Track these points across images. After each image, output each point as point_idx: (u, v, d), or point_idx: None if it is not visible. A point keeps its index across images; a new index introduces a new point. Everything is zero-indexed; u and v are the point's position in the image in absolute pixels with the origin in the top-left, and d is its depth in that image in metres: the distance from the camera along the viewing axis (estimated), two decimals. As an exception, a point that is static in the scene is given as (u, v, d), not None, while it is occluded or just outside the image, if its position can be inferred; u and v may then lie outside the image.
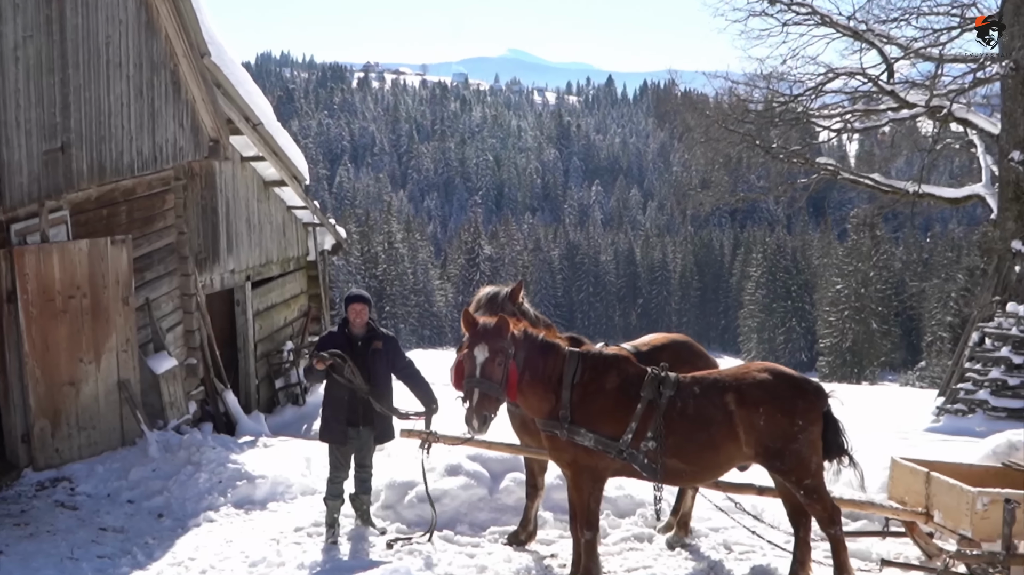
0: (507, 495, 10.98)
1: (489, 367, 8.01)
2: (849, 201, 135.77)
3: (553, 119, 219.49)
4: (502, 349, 8.06)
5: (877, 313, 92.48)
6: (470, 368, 8.06)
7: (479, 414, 7.97)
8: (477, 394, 7.99)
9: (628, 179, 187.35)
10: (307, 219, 19.68)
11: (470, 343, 8.12)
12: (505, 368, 8.07)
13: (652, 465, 8.24)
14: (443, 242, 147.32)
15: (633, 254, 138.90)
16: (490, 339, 8.06)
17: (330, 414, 10.13)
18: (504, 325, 8.10)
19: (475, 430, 8.03)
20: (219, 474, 11.64)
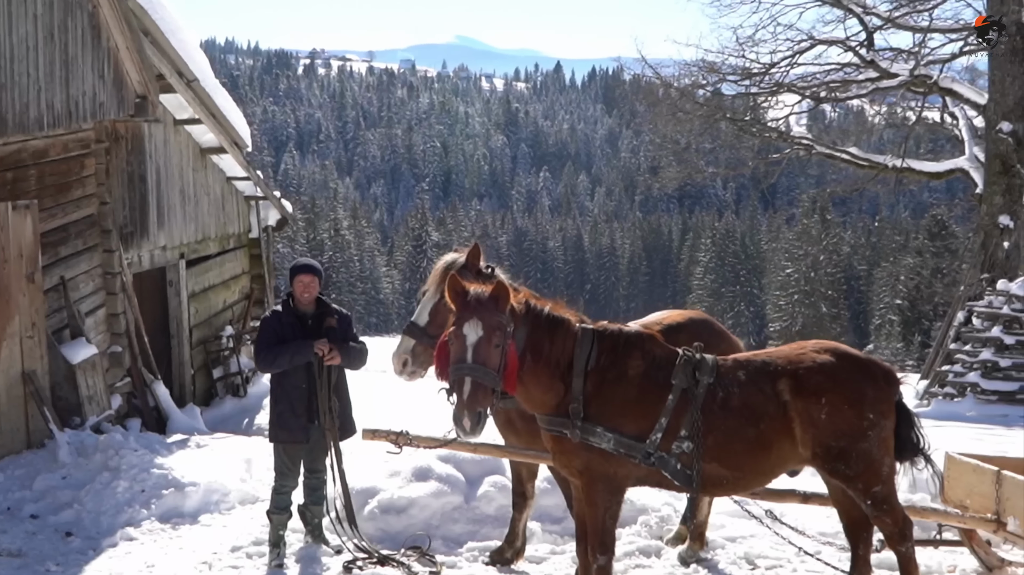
0: (486, 503, 9.25)
1: (484, 350, 6.19)
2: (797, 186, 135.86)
3: (501, 106, 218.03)
4: (500, 326, 6.24)
5: (827, 297, 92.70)
6: (459, 351, 6.23)
7: (472, 411, 6.12)
8: (469, 384, 6.14)
9: (576, 165, 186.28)
10: (249, 192, 17.70)
11: (459, 319, 6.29)
12: (503, 350, 6.26)
13: (687, 471, 6.49)
14: (390, 229, 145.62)
15: (581, 240, 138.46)
16: (485, 313, 6.24)
17: (286, 407, 8.35)
18: (502, 294, 6.28)
19: (467, 431, 6.17)
20: (142, 481, 9.72)
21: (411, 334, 7.59)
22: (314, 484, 8.58)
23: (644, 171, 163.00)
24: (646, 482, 6.76)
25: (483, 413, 6.16)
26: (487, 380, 6.15)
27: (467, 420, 6.10)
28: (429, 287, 7.74)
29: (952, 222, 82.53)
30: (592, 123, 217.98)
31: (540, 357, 6.46)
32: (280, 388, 8.33)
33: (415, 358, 7.60)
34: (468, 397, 6.12)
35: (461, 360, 6.20)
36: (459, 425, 6.16)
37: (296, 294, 8.39)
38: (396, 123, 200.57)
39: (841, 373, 6.53)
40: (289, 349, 8.14)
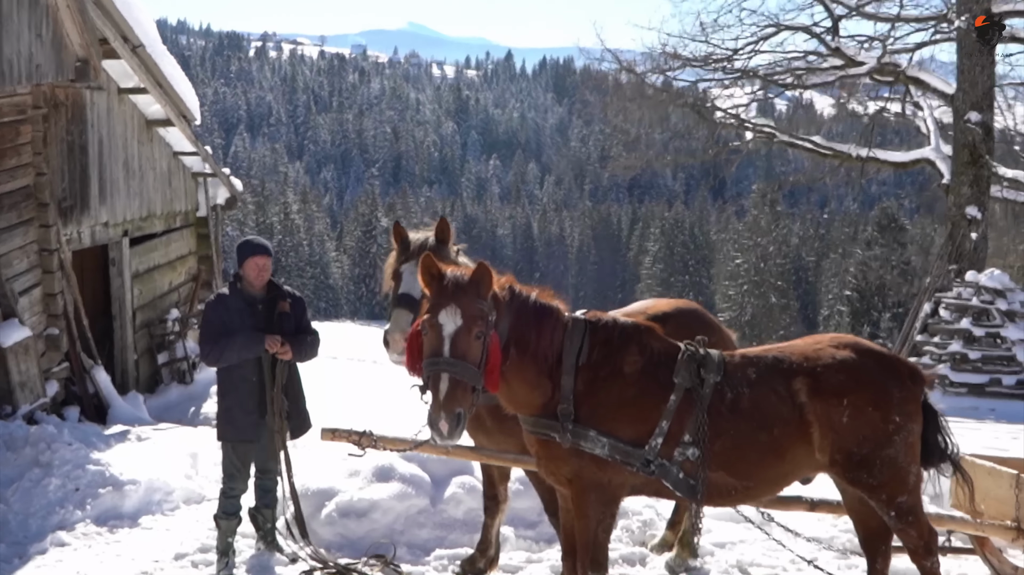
0: (454, 506, 8.45)
1: (463, 341, 5.36)
2: (747, 177, 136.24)
3: (452, 93, 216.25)
4: (481, 314, 5.42)
5: (776, 287, 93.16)
6: (435, 343, 5.40)
7: (449, 412, 5.27)
8: (446, 382, 5.31)
9: (526, 153, 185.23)
10: (197, 168, 16.67)
11: (434, 306, 5.45)
12: (485, 343, 5.43)
13: (690, 481, 5.72)
14: (339, 214, 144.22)
15: (531, 228, 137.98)
16: (464, 300, 5.41)
17: (234, 402, 7.48)
18: (484, 277, 5.46)
19: (443, 435, 5.31)
20: (76, 479, 8.76)
21: (407, 307, 6.67)
22: (266, 486, 7.74)
23: (594, 160, 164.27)
24: (643, 491, 6.00)
25: (463, 414, 5.32)
26: (467, 377, 5.33)
27: (444, 423, 5.26)
28: (406, 264, 6.86)
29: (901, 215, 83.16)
30: (542, 112, 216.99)
31: (526, 351, 5.65)
32: (228, 381, 7.47)
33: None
34: (445, 396, 5.29)
35: (436, 353, 5.37)
36: (435, 428, 5.31)
37: (249, 277, 7.53)
38: (347, 108, 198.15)
39: (864, 371, 5.80)
40: (237, 342, 7.29)
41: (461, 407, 5.30)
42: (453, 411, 5.26)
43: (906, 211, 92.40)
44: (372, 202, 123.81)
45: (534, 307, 5.72)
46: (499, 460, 6.89)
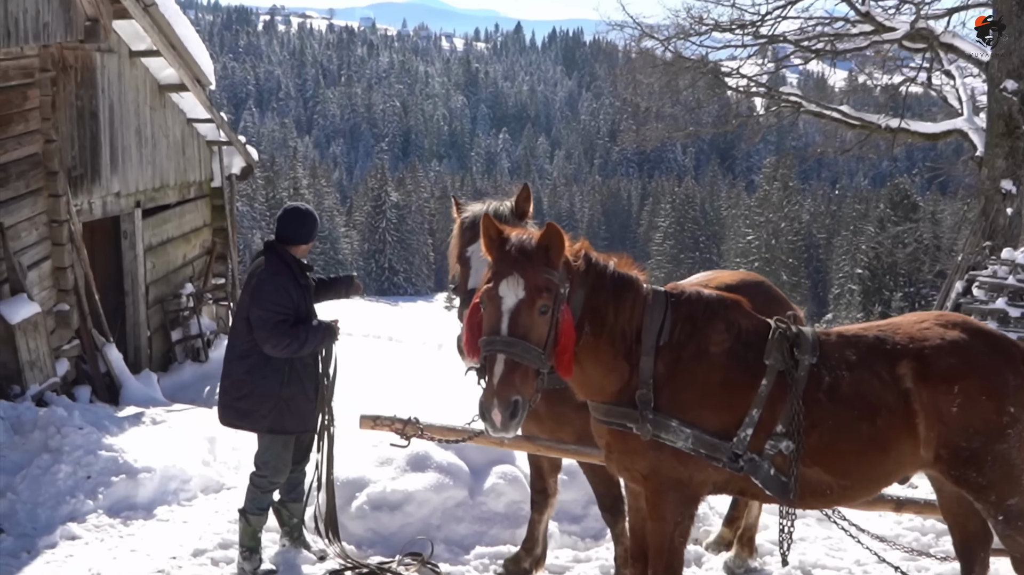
0: (494, 498, 7.78)
1: (525, 317, 4.65)
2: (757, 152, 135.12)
3: (461, 66, 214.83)
4: (550, 285, 4.70)
5: (787, 264, 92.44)
6: (493, 319, 4.70)
7: (504, 399, 4.55)
8: (502, 364, 4.61)
9: (536, 127, 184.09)
10: (211, 136, 15.96)
11: (495, 274, 4.74)
12: (555, 318, 4.73)
13: (781, 478, 5.04)
14: (349, 189, 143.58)
15: (540, 203, 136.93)
16: (530, 268, 4.68)
17: (298, 390, 6.73)
18: (555, 241, 4.74)
19: (496, 427, 4.58)
20: (87, 466, 8.09)
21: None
22: (296, 479, 7.06)
23: (604, 135, 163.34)
24: (725, 489, 5.32)
25: (520, 403, 4.61)
26: (527, 358, 4.62)
27: (498, 412, 4.55)
28: (471, 246, 6.00)
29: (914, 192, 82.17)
30: (552, 85, 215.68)
31: (602, 328, 4.96)
32: (291, 367, 6.66)
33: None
34: (500, 381, 4.59)
35: (494, 331, 4.67)
36: (487, 418, 4.61)
37: (305, 251, 6.95)
38: (356, 82, 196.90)
39: (977, 355, 5.11)
40: (318, 334, 6.65)
41: (519, 394, 4.60)
42: (508, 399, 4.56)
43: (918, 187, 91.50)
44: (382, 176, 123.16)
45: (612, 278, 5.02)
46: (562, 453, 6.18)
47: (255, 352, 6.56)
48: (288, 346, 6.48)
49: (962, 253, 21.80)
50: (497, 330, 4.66)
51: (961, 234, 28.47)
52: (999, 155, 21.04)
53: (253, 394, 6.62)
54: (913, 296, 75.40)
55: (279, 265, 6.69)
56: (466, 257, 6.01)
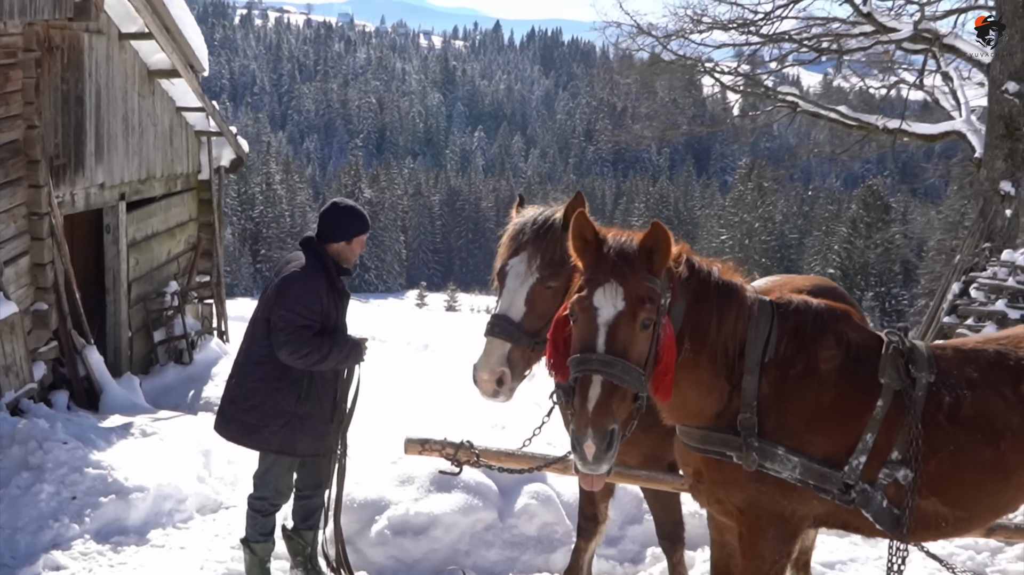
0: (526, 520, 7.01)
1: (625, 332, 3.91)
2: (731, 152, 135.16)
3: (439, 63, 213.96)
4: (651, 296, 3.97)
5: (760, 265, 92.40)
6: (586, 334, 3.96)
7: (600, 428, 3.80)
8: (598, 388, 3.85)
9: (512, 126, 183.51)
10: (200, 126, 15.08)
11: (588, 282, 4.01)
12: (655, 333, 3.99)
13: (894, 511, 4.32)
14: (322, 185, 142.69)
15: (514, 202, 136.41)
16: (630, 275, 3.96)
17: (315, 409, 5.93)
18: (661, 244, 4.00)
19: (588, 460, 3.82)
20: (72, 485, 7.24)
21: (503, 334, 4.99)
22: (312, 505, 6.21)
23: (579, 134, 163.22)
24: (826, 523, 4.58)
25: (617, 433, 3.85)
26: (627, 380, 3.87)
27: (591, 443, 3.78)
28: (512, 259, 5.17)
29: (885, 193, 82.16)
30: (529, 84, 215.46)
31: (703, 344, 4.24)
32: (310, 382, 5.85)
33: (515, 370, 5.00)
34: (596, 407, 3.82)
35: (588, 348, 3.92)
36: (578, 450, 3.83)
37: (350, 255, 6.06)
38: (332, 77, 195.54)
39: None
40: (344, 349, 5.84)
41: (616, 422, 3.85)
42: (605, 427, 3.80)
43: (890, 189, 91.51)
44: (355, 173, 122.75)
45: (717, 286, 4.29)
46: (639, 480, 5.35)
47: (272, 359, 5.74)
48: (307, 356, 5.67)
49: (959, 254, 21.32)
50: (592, 346, 3.91)
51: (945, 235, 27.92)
52: (998, 156, 20.58)
53: (263, 407, 5.80)
54: (884, 295, 75.49)
55: (315, 265, 5.86)
56: (505, 272, 5.22)
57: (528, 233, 5.15)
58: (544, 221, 5.20)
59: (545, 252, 5.06)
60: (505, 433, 9.64)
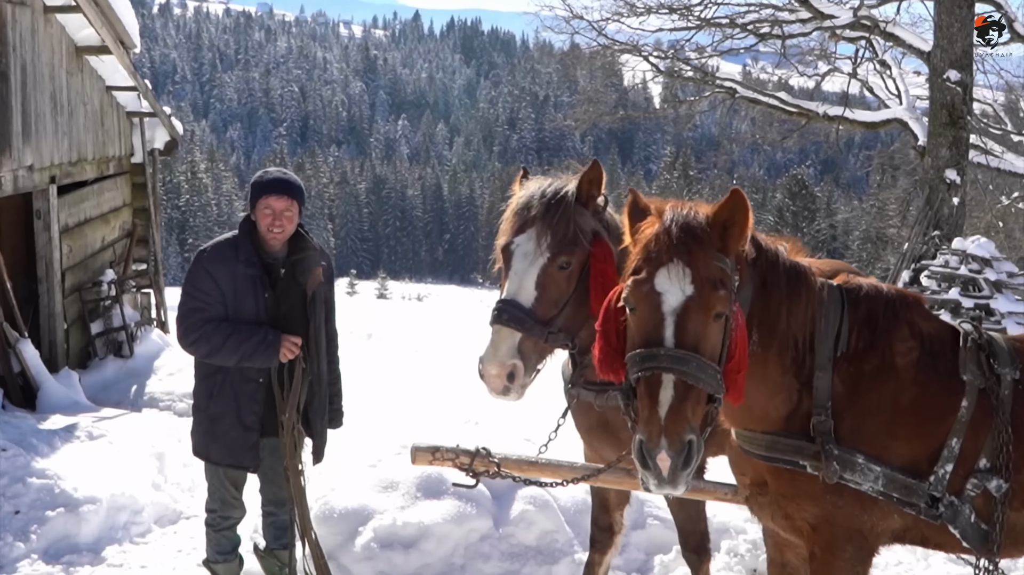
0: (524, 528, 6.34)
1: (696, 322, 3.26)
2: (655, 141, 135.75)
3: (360, 52, 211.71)
4: (723, 280, 3.32)
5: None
6: (650, 325, 3.29)
7: (676, 438, 3.14)
8: (670, 390, 3.19)
9: (435, 114, 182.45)
10: (132, 106, 14.12)
11: (648, 260, 3.35)
12: (728, 325, 3.34)
13: (982, 526, 3.73)
14: (247, 173, 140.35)
15: (440, 189, 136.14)
16: (700, 255, 3.31)
17: (226, 409, 5.10)
18: (738, 216, 3.39)
19: (663, 478, 3.16)
20: (15, 498, 6.38)
21: (512, 322, 4.27)
22: (279, 523, 5.45)
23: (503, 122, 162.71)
24: (903, 539, 3.93)
25: (696, 444, 3.18)
26: (703, 380, 3.21)
27: (666, 456, 3.12)
28: (518, 237, 4.44)
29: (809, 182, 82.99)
30: (450, 73, 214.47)
31: (772, 337, 3.62)
32: (224, 379, 5.09)
33: (527, 363, 4.30)
34: (669, 413, 3.17)
35: (654, 342, 3.24)
36: (650, 465, 3.16)
37: (261, 228, 5.09)
38: (253, 66, 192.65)
39: None
40: (240, 342, 4.94)
41: (694, 432, 3.19)
42: (682, 437, 3.15)
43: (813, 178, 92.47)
44: (280, 161, 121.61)
45: (786, 269, 3.66)
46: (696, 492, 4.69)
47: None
48: (195, 344, 4.98)
49: (907, 243, 21.13)
50: (659, 339, 3.24)
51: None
52: (943, 145, 20.43)
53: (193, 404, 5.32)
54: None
55: (223, 242, 5.18)
56: (510, 251, 4.52)
57: (536, 207, 4.43)
58: (555, 193, 4.46)
59: (557, 228, 4.35)
60: (479, 429, 8.99)
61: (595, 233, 4.48)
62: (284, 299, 5.12)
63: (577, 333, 4.47)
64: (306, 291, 5.14)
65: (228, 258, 5.03)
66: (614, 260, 4.44)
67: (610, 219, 4.63)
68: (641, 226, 3.45)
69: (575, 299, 4.39)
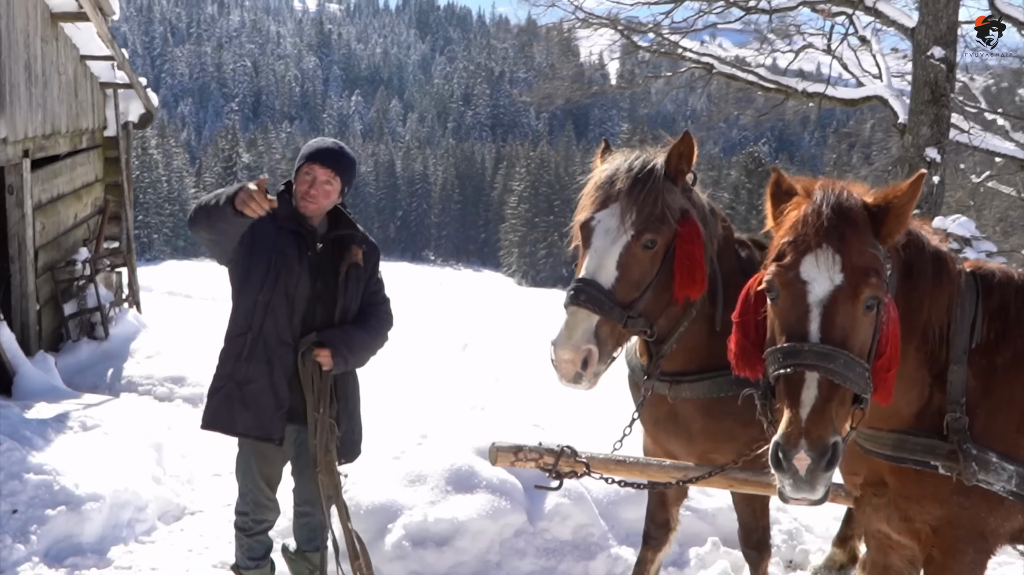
0: (559, 523, 5.99)
1: (847, 315, 2.95)
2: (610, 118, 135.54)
3: (314, 27, 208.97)
4: (877, 268, 3.01)
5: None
6: (795, 317, 2.98)
7: (820, 442, 2.81)
8: (816, 388, 2.87)
9: (389, 90, 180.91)
10: (105, 76, 13.47)
11: (794, 245, 3.04)
12: (879, 317, 3.04)
13: None
14: (198, 150, 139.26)
15: (393, 166, 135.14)
16: (855, 239, 3.01)
17: (256, 371, 4.60)
18: (901, 199, 3.11)
19: (802, 481, 2.83)
20: (12, 495, 5.87)
21: (589, 303, 3.92)
22: (313, 523, 4.97)
23: (457, 98, 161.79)
24: (1020, 539, 3.70)
25: (840, 447, 2.86)
26: (852, 378, 2.89)
27: (805, 456, 2.80)
28: (600, 213, 4.10)
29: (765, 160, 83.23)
30: (405, 48, 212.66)
31: (914, 328, 3.31)
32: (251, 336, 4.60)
33: (603, 349, 3.94)
34: (812, 413, 2.84)
35: (800, 336, 2.94)
36: (786, 467, 2.83)
37: (297, 192, 4.65)
38: (205, 40, 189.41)
39: None
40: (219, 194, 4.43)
41: (837, 433, 2.86)
42: (825, 440, 2.82)
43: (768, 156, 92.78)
44: (232, 137, 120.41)
45: (931, 256, 3.37)
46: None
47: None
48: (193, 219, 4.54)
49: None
50: (803, 333, 2.93)
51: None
52: (924, 123, 20.18)
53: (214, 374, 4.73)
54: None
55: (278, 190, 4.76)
56: (590, 227, 4.16)
57: (622, 180, 4.10)
58: (642, 167, 4.15)
59: (643, 205, 4.03)
60: (485, 415, 8.62)
61: (683, 211, 4.16)
62: (319, 274, 4.68)
63: (656, 320, 4.14)
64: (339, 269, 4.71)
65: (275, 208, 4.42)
66: (703, 241, 4.14)
67: (697, 198, 4.30)
68: (786, 207, 3.11)
69: (658, 282, 4.06)
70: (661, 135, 4.92)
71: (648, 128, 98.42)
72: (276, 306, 4.57)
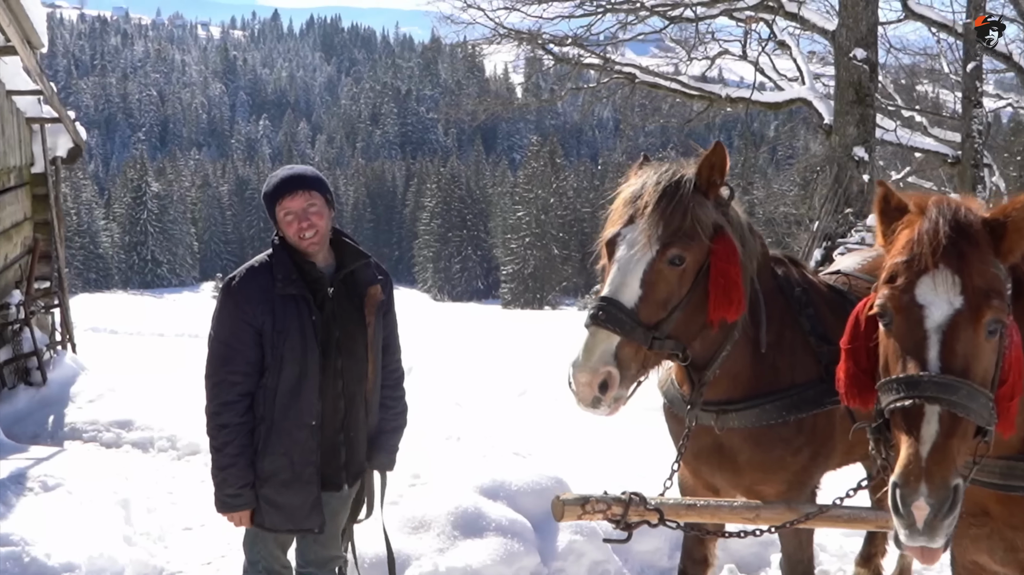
0: (574, 561, 5.61)
1: (969, 342, 2.61)
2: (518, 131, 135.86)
3: (219, 54, 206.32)
4: (1001, 289, 2.68)
5: (558, 239, 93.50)
6: (912, 342, 2.63)
7: (942, 484, 2.47)
8: (937, 423, 2.54)
9: (296, 113, 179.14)
10: (32, 111, 12.67)
11: (909, 266, 2.70)
12: (1002, 342, 2.69)
13: None
14: (106, 181, 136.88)
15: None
16: (977, 258, 2.67)
17: (276, 465, 4.09)
18: (1021, 213, 2.70)
19: (919, 530, 2.48)
20: (-23, 573, 5.32)
21: (610, 323, 3.60)
22: (328, 570, 4.51)
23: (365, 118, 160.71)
24: None
25: (961, 489, 2.55)
26: (975, 410, 2.58)
27: (924, 503, 2.47)
28: (626, 228, 3.79)
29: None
30: (311, 71, 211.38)
31: None
32: (264, 427, 4.09)
33: (625, 373, 3.61)
34: (933, 451, 2.52)
35: (916, 365, 2.62)
36: (905, 514, 2.50)
37: (291, 238, 4.11)
38: (110, 72, 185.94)
39: None
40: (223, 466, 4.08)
41: (960, 474, 2.56)
42: (947, 481, 2.50)
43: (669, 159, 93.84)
44: (141, 167, 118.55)
45: None
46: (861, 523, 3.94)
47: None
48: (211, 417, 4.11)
49: (818, 221, 21.03)
50: (922, 362, 2.61)
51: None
52: (850, 123, 20.39)
53: None
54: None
55: (254, 265, 4.22)
56: (615, 243, 3.79)
57: (649, 194, 3.77)
58: (671, 179, 3.81)
59: (671, 220, 3.70)
60: (463, 445, 8.16)
61: (717, 227, 3.81)
62: (336, 323, 4.14)
63: (690, 343, 3.79)
64: (364, 315, 4.20)
65: (262, 282, 4.05)
66: (739, 260, 3.79)
67: (734, 214, 3.93)
68: (897, 226, 2.75)
69: (690, 303, 3.71)
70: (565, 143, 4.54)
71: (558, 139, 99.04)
72: (284, 389, 4.06)
